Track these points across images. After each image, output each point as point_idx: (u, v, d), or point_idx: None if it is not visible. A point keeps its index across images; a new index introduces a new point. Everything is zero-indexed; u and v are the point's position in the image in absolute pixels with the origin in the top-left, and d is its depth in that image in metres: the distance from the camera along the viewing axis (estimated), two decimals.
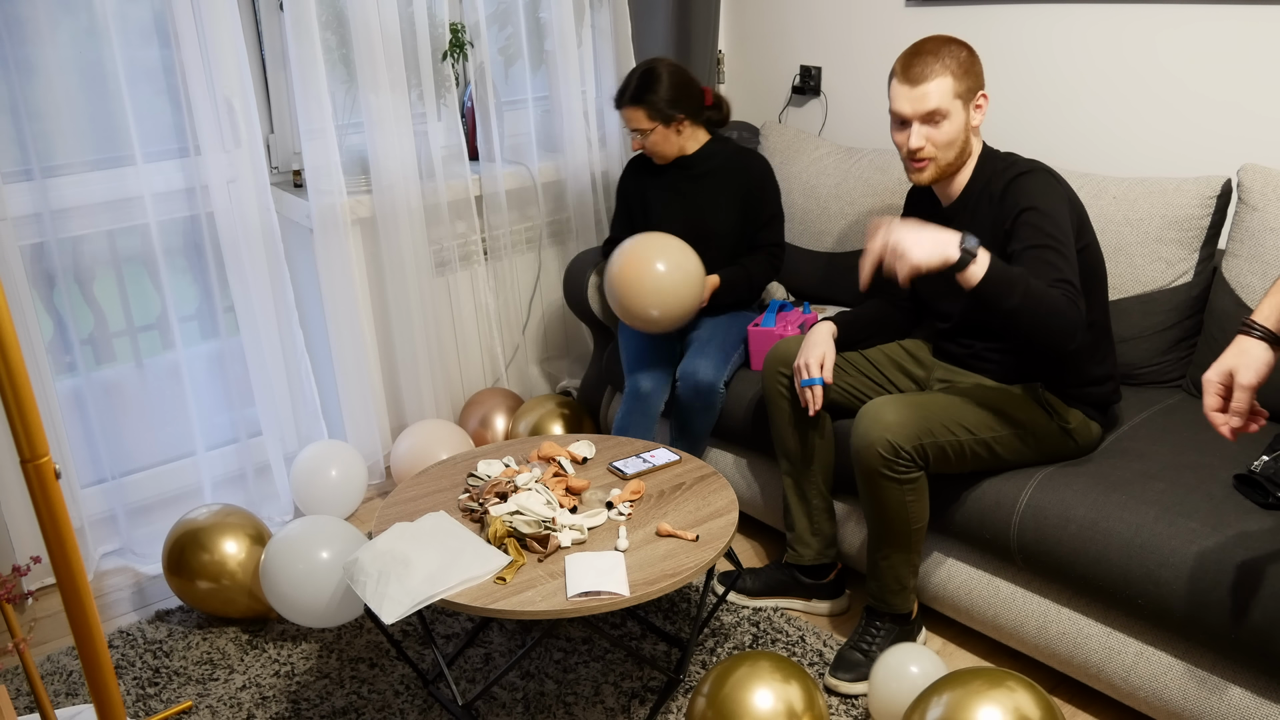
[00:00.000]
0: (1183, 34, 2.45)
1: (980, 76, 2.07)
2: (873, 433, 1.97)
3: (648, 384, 2.58)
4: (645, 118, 2.61)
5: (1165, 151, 2.56)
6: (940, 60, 2.03)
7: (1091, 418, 2.12)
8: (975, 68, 2.06)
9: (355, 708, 2.12)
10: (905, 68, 2.05)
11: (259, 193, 2.69)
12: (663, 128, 2.62)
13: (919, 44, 2.06)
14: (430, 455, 2.78)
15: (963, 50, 2.05)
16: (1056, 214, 1.98)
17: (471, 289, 3.19)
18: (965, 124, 2.07)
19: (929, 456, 1.99)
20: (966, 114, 2.07)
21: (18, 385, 1.08)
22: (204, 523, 2.37)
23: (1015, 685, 1.66)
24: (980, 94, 2.07)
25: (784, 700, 1.76)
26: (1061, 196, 2.01)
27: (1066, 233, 1.97)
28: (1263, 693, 1.76)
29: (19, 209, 2.46)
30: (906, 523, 2.03)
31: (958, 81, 2.03)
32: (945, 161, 2.09)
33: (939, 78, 2.03)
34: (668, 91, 2.58)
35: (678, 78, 2.61)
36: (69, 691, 2.21)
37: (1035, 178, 2.03)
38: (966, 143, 2.09)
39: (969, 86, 2.05)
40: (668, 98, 2.58)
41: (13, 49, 2.38)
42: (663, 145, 2.66)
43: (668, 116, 2.60)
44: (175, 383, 2.86)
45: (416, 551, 1.87)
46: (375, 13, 2.72)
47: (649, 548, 1.92)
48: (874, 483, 2.00)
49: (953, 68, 2.03)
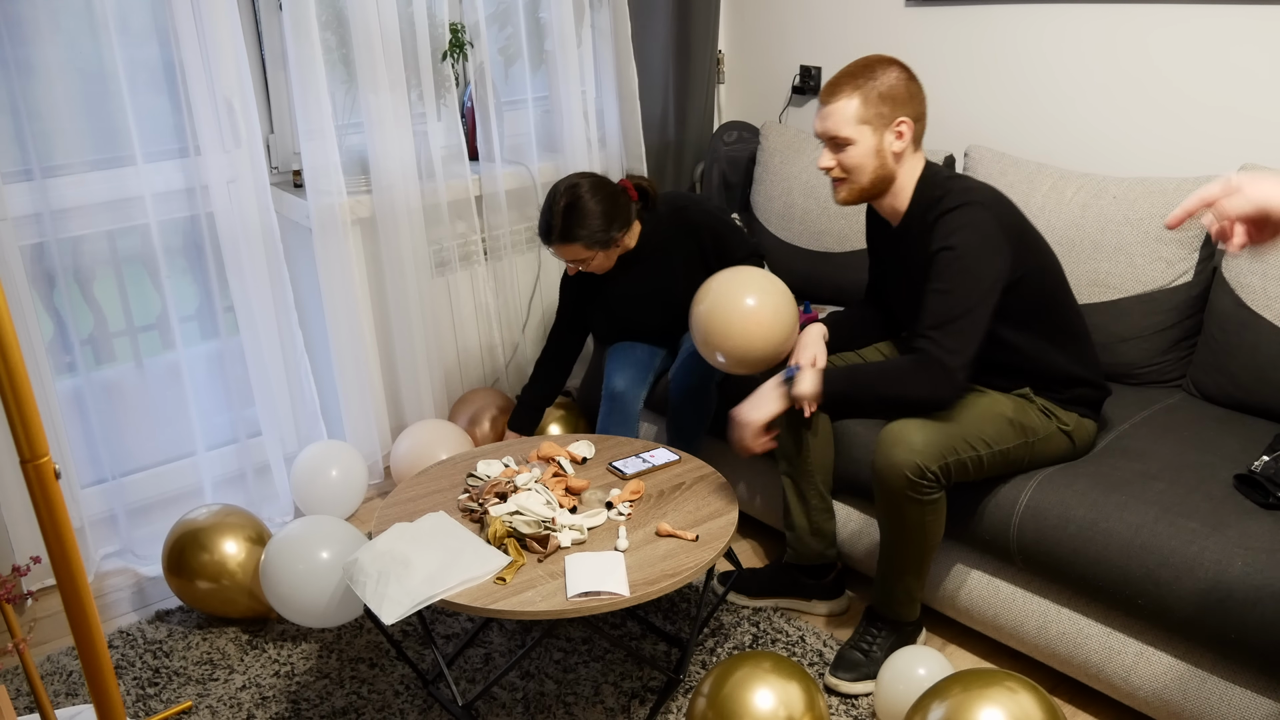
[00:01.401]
0: (1183, 35, 2.45)
1: (907, 103, 1.99)
2: (898, 455, 1.94)
3: (622, 384, 2.58)
4: (583, 249, 2.45)
5: (1165, 152, 2.56)
6: (854, 83, 1.99)
7: (1085, 416, 2.12)
8: (898, 93, 1.99)
9: (355, 708, 2.12)
10: (824, 85, 2.04)
11: (259, 193, 2.69)
12: (603, 253, 2.48)
13: (853, 62, 2.04)
14: (430, 455, 2.78)
15: (889, 75, 1.99)
16: (969, 256, 1.93)
17: (471, 289, 3.19)
18: (877, 150, 2.01)
19: (951, 473, 1.98)
20: (878, 140, 2.00)
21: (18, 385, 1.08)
22: (204, 523, 2.37)
23: (1016, 685, 1.66)
24: (901, 120, 1.99)
25: (784, 700, 1.76)
26: (985, 233, 1.94)
27: (977, 276, 1.92)
28: (1263, 693, 1.76)
29: (19, 209, 2.46)
30: (923, 541, 2.03)
31: (865, 107, 1.98)
32: (859, 185, 2.04)
33: (843, 100, 1.99)
34: (599, 218, 2.42)
35: (602, 196, 2.43)
36: (69, 691, 2.21)
37: (961, 214, 1.96)
38: (883, 168, 2.03)
39: (882, 112, 1.98)
40: (601, 224, 2.42)
41: (13, 49, 2.38)
42: (607, 263, 2.53)
43: (606, 241, 2.45)
44: (175, 383, 2.86)
45: (416, 552, 1.87)
46: (375, 13, 2.71)
47: (649, 548, 1.92)
48: (897, 504, 1.98)
49: (865, 92, 1.98)
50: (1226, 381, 2.25)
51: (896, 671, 1.97)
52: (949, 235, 1.95)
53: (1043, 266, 2.05)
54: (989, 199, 1.99)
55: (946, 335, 1.91)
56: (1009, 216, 2.00)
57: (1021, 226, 2.03)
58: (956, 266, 1.93)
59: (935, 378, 1.92)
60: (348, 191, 2.85)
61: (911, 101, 2.01)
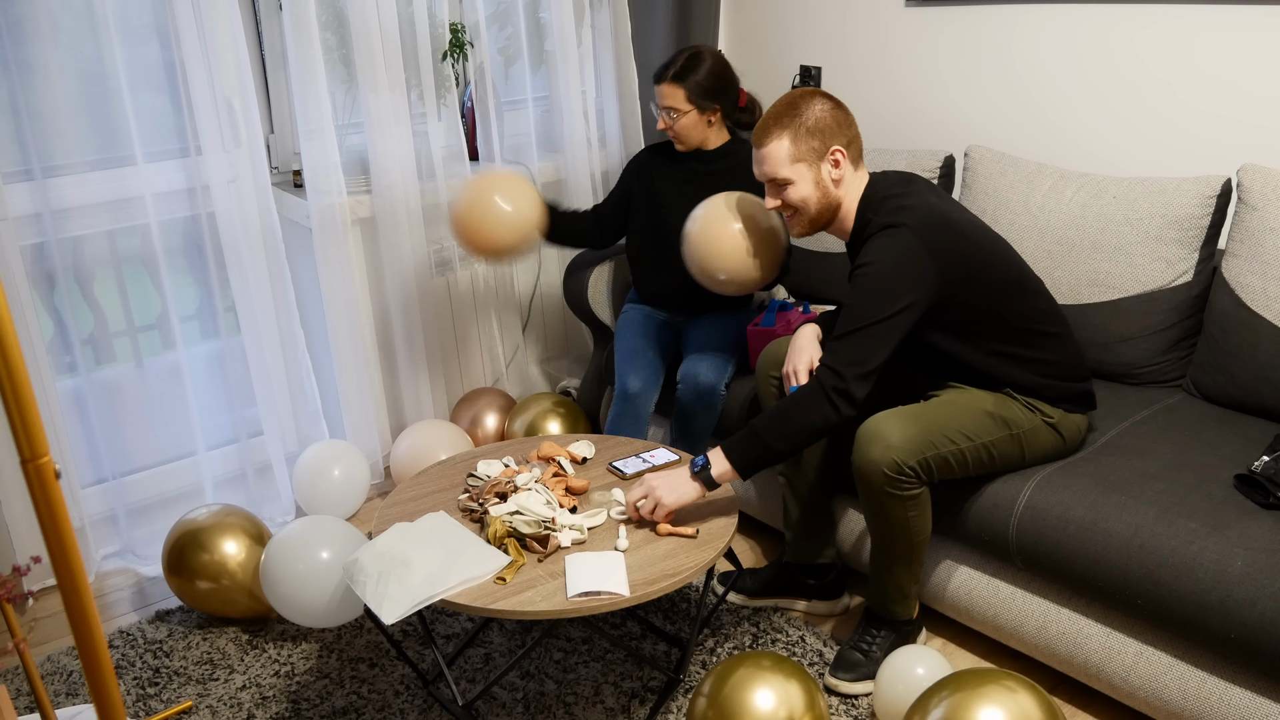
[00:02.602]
0: (1183, 35, 2.45)
1: (837, 133, 2.02)
2: (875, 452, 1.95)
3: (637, 384, 2.58)
4: (683, 99, 2.56)
5: (1165, 151, 2.56)
6: (781, 124, 2.02)
7: (1071, 410, 2.12)
8: (826, 125, 2.01)
9: (355, 708, 2.12)
10: (757, 126, 2.07)
11: (259, 193, 2.69)
12: (696, 114, 2.59)
13: (777, 101, 2.06)
14: (430, 455, 2.78)
15: (814, 108, 2.01)
16: (877, 275, 1.93)
17: (471, 289, 3.19)
18: (816, 182, 2.04)
19: (932, 469, 1.98)
20: (816, 173, 2.04)
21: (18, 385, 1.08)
22: (204, 523, 2.37)
23: (1015, 685, 1.66)
24: (834, 150, 2.02)
25: (784, 700, 1.76)
26: (901, 254, 1.94)
27: (882, 293, 1.93)
28: (1263, 693, 1.76)
29: (19, 209, 2.46)
30: (909, 536, 2.03)
31: (796, 145, 2.01)
32: (808, 218, 2.09)
33: (774, 143, 2.03)
34: (709, 79, 2.55)
35: (721, 68, 2.58)
36: (69, 691, 2.21)
37: (881, 236, 1.97)
38: (826, 198, 2.06)
39: (813, 147, 2.01)
40: (708, 85, 2.55)
41: (13, 49, 2.38)
42: (690, 131, 2.61)
43: (703, 105, 2.57)
44: (175, 383, 2.86)
45: (416, 552, 1.87)
46: (375, 13, 2.72)
47: (649, 548, 1.92)
48: (878, 500, 1.99)
49: (793, 131, 2.01)
50: (1226, 381, 2.25)
51: (896, 671, 1.97)
52: (865, 256, 1.97)
53: (990, 278, 2.03)
54: (917, 219, 1.97)
55: (841, 345, 1.93)
56: (938, 236, 1.98)
57: (957, 243, 2.00)
58: (863, 284, 1.95)
59: (822, 400, 1.92)
60: (348, 191, 2.85)
61: (841, 129, 2.03)
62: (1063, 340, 2.11)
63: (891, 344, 1.94)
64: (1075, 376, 2.11)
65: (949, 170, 2.75)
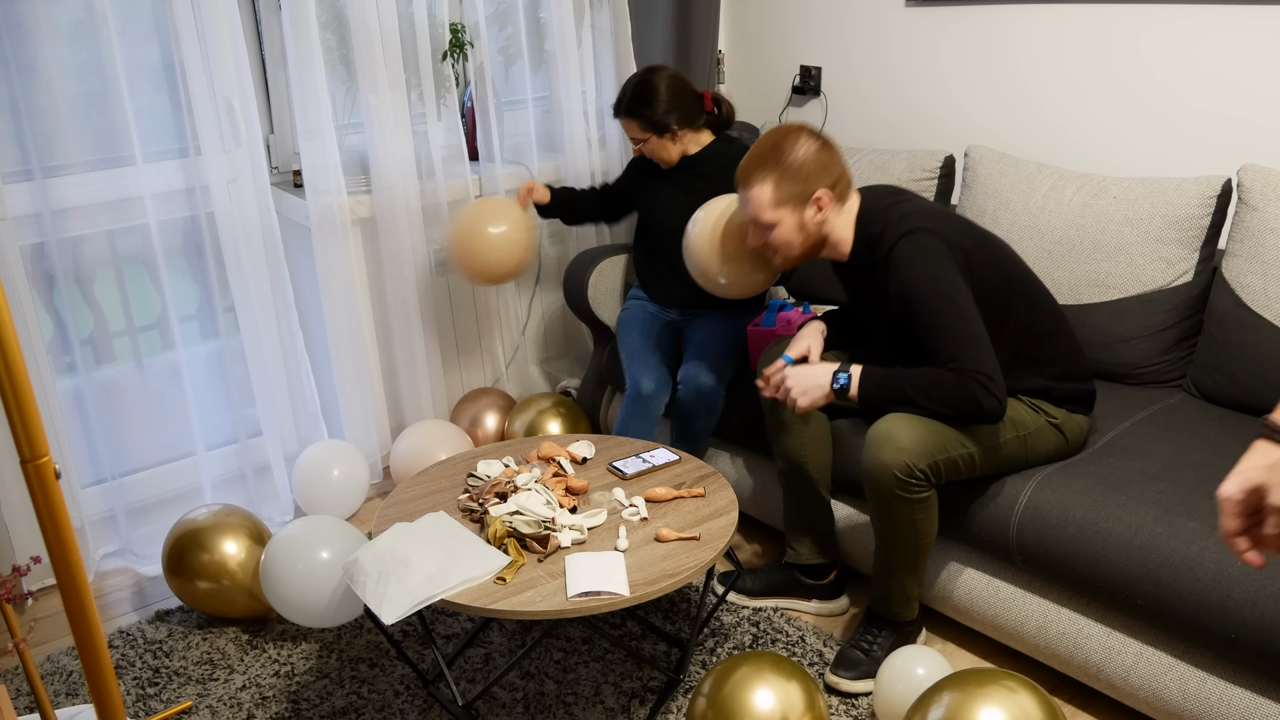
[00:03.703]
0: (1184, 35, 2.45)
1: (820, 175, 2.00)
2: (885, 454, 1.94)
3: (649, 385, 2.58)
4: (639, 129, 2.63)
5: (1166, 151, 2.56)
6: (764, 168, 2.00)
7: (1075, 411, 2.12)
8: (809, 168, 1.99)
9: (355, 708, 2.12)
10: (740, 167, 2.06)
11: (259, 193, 2.69)
12: (656, 138, 2.63)
13: (761, 139, 2.04)
14: (430, 455, 2.78)
15: (798, 150, 1.99)
16: (929, 281, 1.93)
17: (471, 289, 3.19)
18: (799, 225, 2.04)
19: (941, 471, 1.98)
20: (799, 217, 2.03)
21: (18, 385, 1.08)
22: (204, 523, 2.37)
23: (1015, 685, 1.66)
24: (817, 195, 2.00)
25: (784, 700, 1.76)
26: (930, 253, 1.94)
27: (947, 294, 1.92)
28: (1263, 693, 1.76)
29: (19, 209, 2.46)
30: (915, 539, 2.03)
31: (778, 190, 2.00)
32: (792, 256, 2.09)
33: (757, 187, 2.02)
34: (663, 103, 2.58)
35: (673, 88, 2.59)
36: (69, 691, 2.21)
37: (902, 248, 1.96)
38: (810, 238, 2.06)
39: (796, 192, 2.00)
40: (662, 109, 2.58)
41: (13, 49, 2.38)
42: (660, 152, 2.67)
43: (661, 127, 2.60)
44: (175, 383, 2.86)
45: (416, 552, 1.87)
46: (375, 13, 2.71)
47: (649, 548, 1.92)
48: (886, 502, 1.99)
49: (776, 176, 1.99)
50: (1226, 381, 2.25)
51: (896, 671, 1.97)
52: (900, 276, 1.95)
53: (1001, 274, 2.03)
54: (928, 221, 1.98)
55: (965, 361, 1.90)
56: (953, 233, 1.99)
57: (970, 240, 2.01)
58: (925, 299, 1.93)
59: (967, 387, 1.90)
60: (348, 191, 2.85)
61: (825, 171, 2.01)
62: (1067, 340, 2.11)
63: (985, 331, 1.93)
64: (1081, 376, 2.12)
65: (949, 170, 2.75)
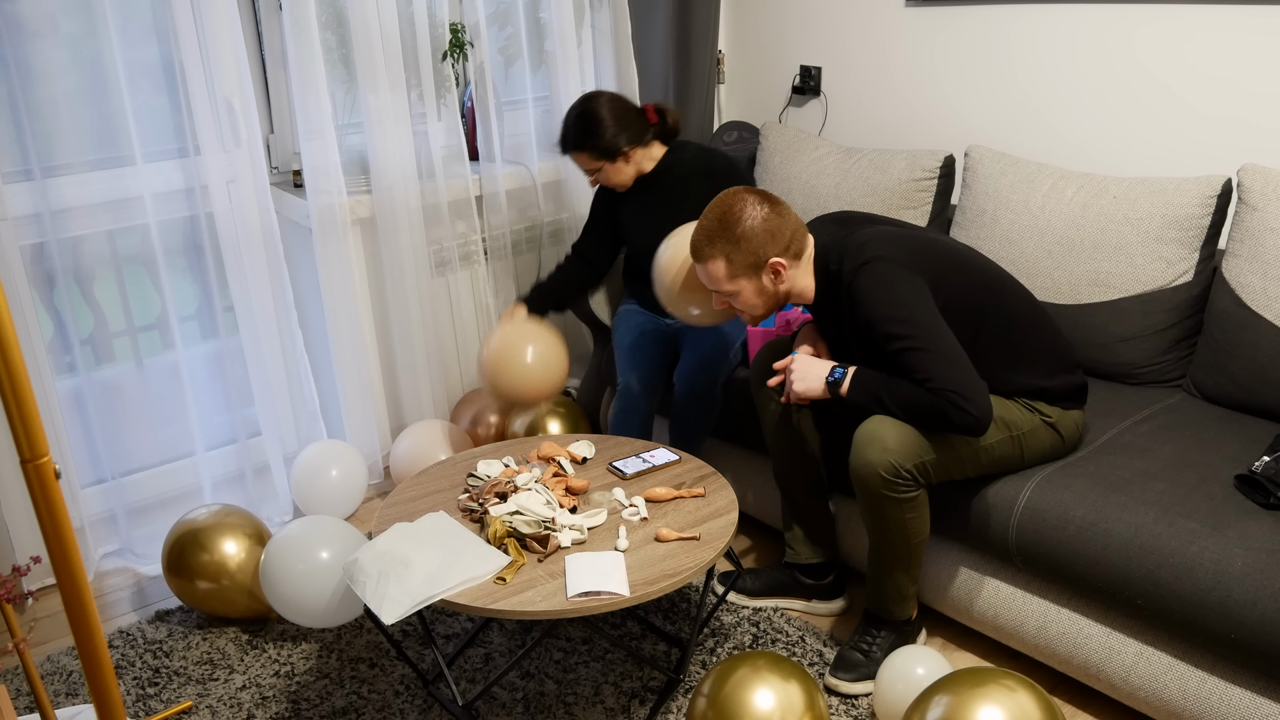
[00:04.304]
0: (1184, 35, 2.45)
1: (770, 242, 1.98)
2: (871, 454, 1.95)
3: (639, 383, 2.58)
4: (590, 160, 2.60)
5: (1166, 151, 2.56)
6: (713, 245, 2.00)
7: (1069, 407, 2.11)
8: (759, 238, 1.97)
9: (355, 708, 2.12)
10: (692, 240, 2.04)
11: (259, 193, 2.69)
12: (609, 164, 2.61)
13: (708, 208, 2.02)
14: (429, 455, 2.78)
15: (745, 220, 1.97)
16: (891, 306, 1.91)
17: (471, 289, 3.19)
18: (759, 290, 2.04)
19: (930, 472, 1.98)
20: (757, 283, 2.02)
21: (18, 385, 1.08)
22: (204, 523, 2.37)
23: (1014, 684, 1.66)
24: (773, 262, 1.99)
25: (785, 700, 1.76)
26: (889, 278, 1.93)
27: (907, 320, 1.90)
28: (1263, 693, 1.76)
29: (19, 209, 2.46)
30: (907, 539, 2.03)
31: (732, 265, 1.99)
32: (760, 313, 2.09)
33: (710, 263, 2.02)
34: (609, 128, 2.55)
35: (615, 111, 2.57)
36: (69, 691, 2.21)
37: (860, 279, 1.94)
38: (773, 298, 2.06)
39: (749, 264, 1.99)
40: (610, 134, 2.55)
41: (13, 49, 2.38)
42: (615, 177, 2.64)
43: (612, 152, 2.58)
44: (175, 383, 2.86)
45: (416, 552, 1.87)
46: (375, 13, 2.71)
47: (649, 548, 1.92)
48: (875, 503, 1.99)
49: (728, 252, 1.98)
50: (1226, 381, 2.25)
51: (895, 671, 1.97)
52: (863, 308, 1.94)
53: (970, 285, 2.02)
54: (882, 248, 1.96)
55: (938, 380, 1.89)
56: (910, 254, 1.97)
57: (931, 256, 2.00)
58: (889, 328, 1.91)
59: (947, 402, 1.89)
60: (348, 191, 2.85)
61: (775, 238, 1.99)
62: (1049, 335, 2.10)
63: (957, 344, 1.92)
64: (1069, 367, 2.11)
65: (949, 170, 2.75)
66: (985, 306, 2.03)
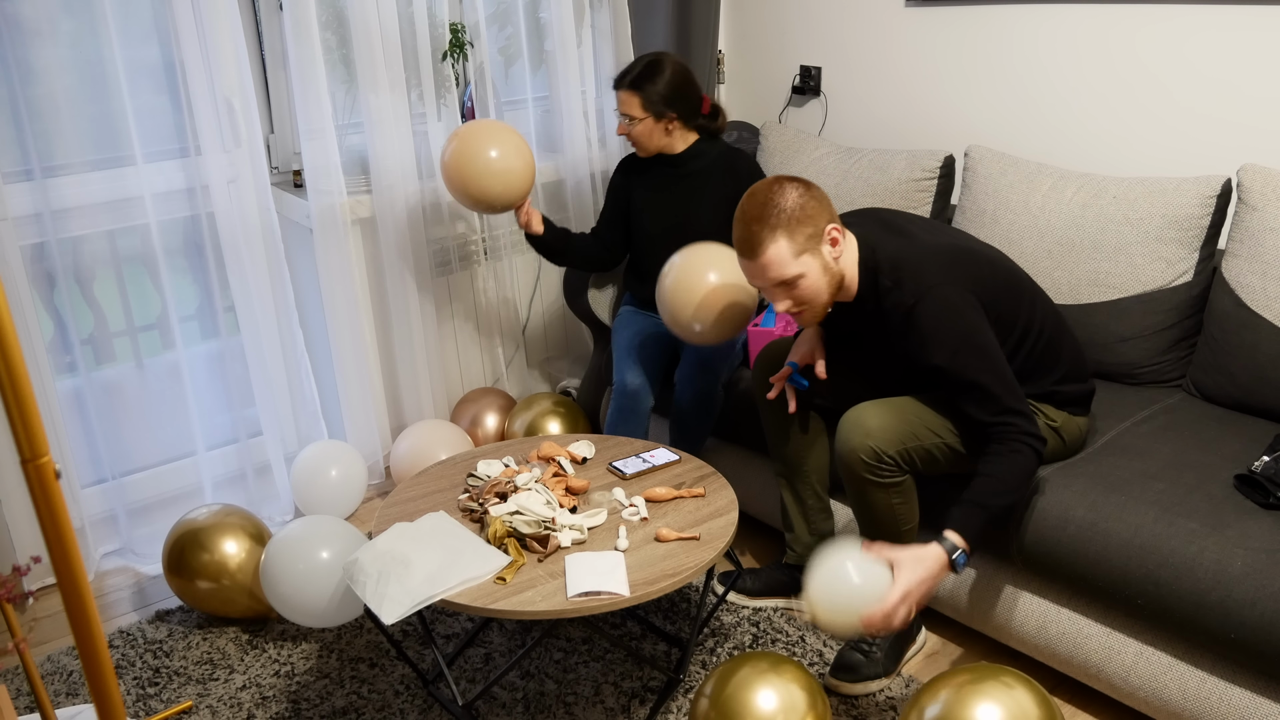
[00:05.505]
0: (1184, 35, 2.45)
1: (821, 212, 1.91)
2: (854, 439, 1.96)
3: (635, 381, 2.58)
4: (639, 106, 2.59)
5: (1165, 151, 2.56)
6: (767, 225, 1.90)
7: (1076, 414, 2.11)
8: (810, 208, 1.90)
9: (355, 708, 2.12)
10: (739, 240, 1.94)
11: (259, 193, 2.69)
12: (652, 121, 2.61)
13: (743, 205, 1.94)
14: (430, 455, 2.78)
15: (788, 198, 1.91)
16: (962, 349, 1.88)
17: (471, 289, 3.19)
18: (825, 268, 1.94)
19: (915, 460, 1.98)
20: (821, 259, 1.94)
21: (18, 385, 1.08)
22: (204, 523, 2.37)
23: (1013, 682, 1.66)
24: (830, 229, 1.92)
25: (787, 701, 1.76)
26: (954, 309, 1.89)
27: (978, 353, 1.88)
28: (1263, 693, 1.76)
29: (19, 209, 2.46)
30: (895, 525, 2.03)
31: (793, 240, 1.90)
32: (820, 305, 1.98)
33: (771, 247, 1.90)
34: (666, 88, 2.57)
35: (680, 77, 2.60)
36: (69, 691, 2.21)
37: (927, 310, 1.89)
38: (835, 278, 1.97)
39: (810, 233, 1.91)
40: (665, 93, 2.57)
41: (13, 49, 2.38)
42: (646, 138, 2.64)
43: (660, 112, 2.59)
44: (175, 383, 2.86)
45: (416, 552, 1.87)
46: (375, 13, 2.72)
47: (649, 548, 1.92)
48: (859, 487, 2.00)
49: (785, 227, 1.90)
50: (1226, 381, 2.25)
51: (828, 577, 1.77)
52: (930, 345, 1.89)
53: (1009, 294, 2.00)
54: (944, 273, 1.92)
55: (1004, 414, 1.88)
56: (965, 273, 1.94)
57: (979, 269, 1.97)
58: (961, 367, 1.88)
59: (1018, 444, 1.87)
60: (348, 191, 2.85)
61: (824, 207, 1.93)
62: (1069, 341, 2.11)
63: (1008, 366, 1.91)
64: (1082, 376, 2.11)
65: (949, 170, 2.75)
66: (1020, 314, 2.02)
